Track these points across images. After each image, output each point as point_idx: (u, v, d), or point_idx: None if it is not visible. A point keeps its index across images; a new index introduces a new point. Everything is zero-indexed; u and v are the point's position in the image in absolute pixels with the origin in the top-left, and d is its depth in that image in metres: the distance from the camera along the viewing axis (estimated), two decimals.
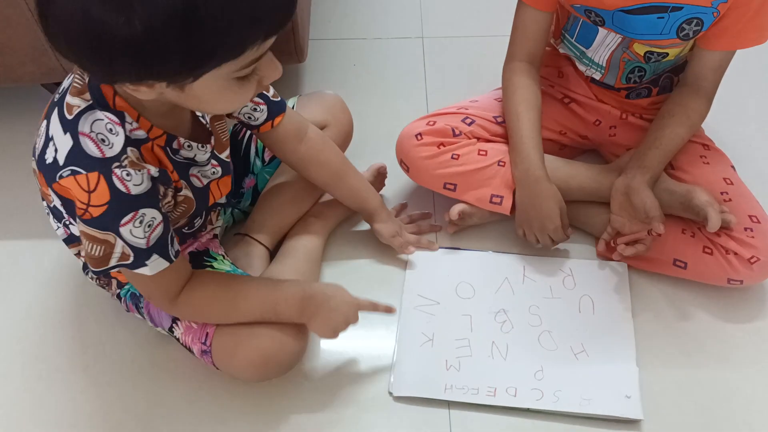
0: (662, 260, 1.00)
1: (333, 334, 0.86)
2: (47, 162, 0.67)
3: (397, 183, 1.13)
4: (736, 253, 0.94)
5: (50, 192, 0.70)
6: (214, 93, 0.64)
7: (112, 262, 0.71)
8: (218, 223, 0.99)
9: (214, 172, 0.83)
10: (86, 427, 0.90)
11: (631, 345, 0.95)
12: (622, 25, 0.94)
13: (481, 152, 1.03)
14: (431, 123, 1.05)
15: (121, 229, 0.68)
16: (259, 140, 1.05)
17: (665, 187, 0.98)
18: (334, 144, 1.01)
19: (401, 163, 1.06)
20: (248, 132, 1.06)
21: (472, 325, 0.98)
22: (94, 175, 0.66)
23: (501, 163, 1.02)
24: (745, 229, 0.95)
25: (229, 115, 0.89)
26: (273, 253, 1.03)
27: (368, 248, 1.08)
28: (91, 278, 0.94)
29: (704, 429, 0.89)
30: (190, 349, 0.87)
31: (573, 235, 1.08)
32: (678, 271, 0.99)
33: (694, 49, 0.98)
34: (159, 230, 0.72)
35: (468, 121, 1.06)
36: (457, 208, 1.04)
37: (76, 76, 0.68)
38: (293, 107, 1.05)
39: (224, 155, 0.85)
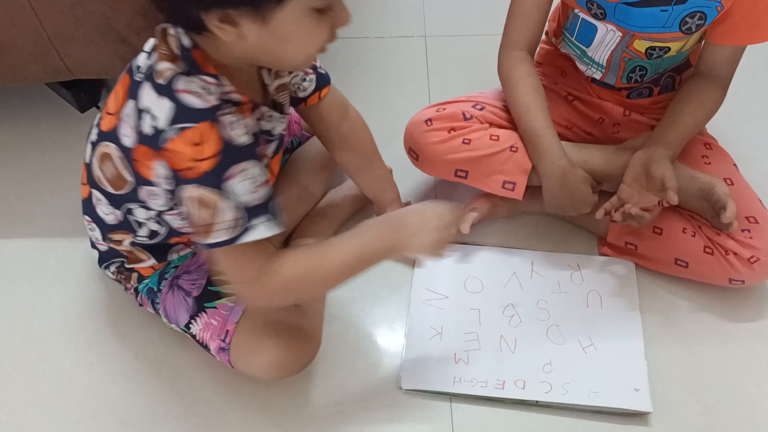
0: (663, 259, 1.00)
1: (441, 248, 0.81)
2: (148, 134, 0.66)
3: (400, 182, 1.13)
4: (735, 253, 0.94)
5: (157, 166, 0.68)
6: (296, 26, 0.63)
7: (218, 235, 0.67)
8: None
9: (278, 146, 0.82)
10: (90, 424, 0.89)
11: (639, 338, 0.95)
12: (623, 17, 0.94)
13: (493, 137, 1.01)
14: (441, 109, 1.03)
15: (228, 183, 0.66)
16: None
17: (688, 173, 0.97)
18: (368, 128, 1.01)
19: (410, 151, 1.04)
20: None
21: (480, 319, 0.97)
22: (204, 125, 0.64)
23: (513, 149, 1.00)
24: (743, 230, 0.95)
25: (283, 87, 0.86)
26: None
27: None
28: (111, 273, 0.93)
29: (710, 425, 0.89)
30: (206, 346, 0.87)
31: (579, 233, 1.09)
32: (679, 270, 0.99)
33: (705, 44, 0.98)
34: (267, 189, 0.69)
35: (479, 107, 1.05)
36: (468, 222, 1.03)
37: (162, 47, 0.67)
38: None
39: (282, 128, 0.84)
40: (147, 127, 0.66)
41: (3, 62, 1.09)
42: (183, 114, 0.65)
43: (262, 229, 0.68)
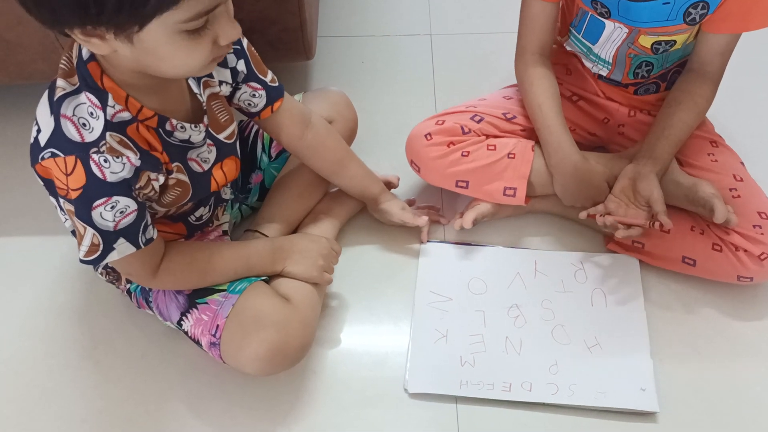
0: (671, 257, 1.00)
1: (318, 272, 0.91)
2: (32, 142, 0.70)
3: (404, 181, 1.13)
4: (745, 250, 0.94)
5: (36, 173, 0.72)
6: (165, 47, 0.64)
7: (81, 253, 0.74)
8: (225, 219, 0.99)
9: (209, 151, 0.83)
10: (96, 422, 0.89)
11: (644, 337, 0.94)
12: (627, 14, 0.94)
13: (490, 147, 1.03)
14: (440, 122, 1.05)
15: (93, 213, 0.70)
16: (265, 135, 1.05)
17: (673, 178, 0.98)
18: (336, 132, 1.02)
19: (412, 163, 1.06)
20: (255, 128, 1.06)
21: (485, 320, 0.97)
22: (71, 159, 0.68)
23: (511, 156, 1.02)
24: (754, 226, 0.95)
25: (230, 102, 0.89)
26: None
27: (379, 244, 1.08)
28: (100, 274, 0.94)
29: (716, 424, 0.88)
30: (198, 342, 0.87)
31: (582, 231, 1.08)
32: (687, 268, 0.99)
33: (699, 33, 0.98)
34: (131, 217, 0.73)
35: (477, 118, 1.06)
36: (470, 217, 1.03)
37: (63, 57, 0.70)
38: None
39: (224, 135, 0.85)
40: (33, 136, 0.71)
41: (9, 60, 1.09)
42: (58, 140, 0.68)
43: (120, 250, 0.74)
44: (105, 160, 0.68)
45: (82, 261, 0.74)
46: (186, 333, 0.88)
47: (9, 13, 1.01)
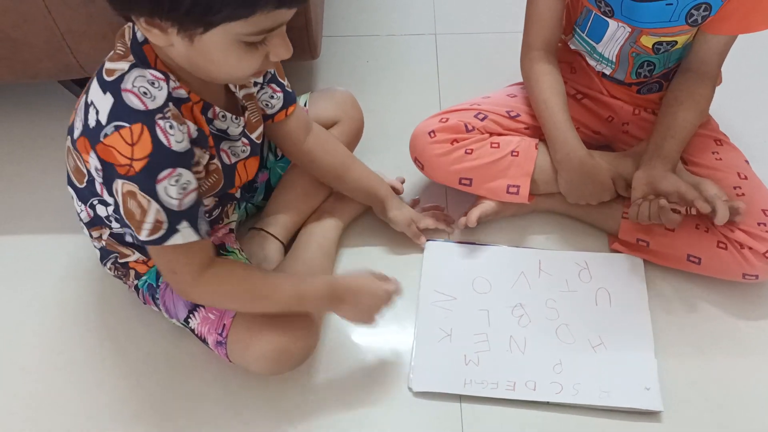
0: (676, 255, 0.99)
1: (368, 319, 0.86)
2: (91, 126, 0.69)
3: (409, 179, 1.13)
4: (750, 248, 0.94)
5: (91, 158, 0.70)
6: (220, 51, 0.65)
7: (143, 234, 0.71)
8: (233, 218, 1.00)
9: (243, 150, 0.84)
10: (102, 419, 0.90)
11: (649, 337, 0.94)
12: (630, 14, 0.94)
13: (493, 145, 1.03)
14: (444, 120, 1.05)
15: (158, 186, 0.68)
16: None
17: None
18: (335, 137, 1.03)
19: (416, 161, 1.06)
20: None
21: (489, 319, 0.97)
22: (137, 127, 0.67)
23: (514, 153, 1.02)
24: (759, 223, 0.95)
25: (250, 96, 0.89)
26: (288, 247, 1.04)
27: (383, 243, 1.08)
28: (109, 269, 0.94)
29: (720, 424, 0.88)
30: (204, 340, 0.87)
31: (586, 230, 1.08)
32: (692, 266, 0.99)
33: (698, 33, 0.98)
34: (192, 197, 0.72)
35: (481, 116, 1.06)
36: (475, 215, 1.03)
37: (118, 43, 0.71)
38: (305, 104, 1.06)
39: (254, 135, 0.86)
40: (91, 120, 0.69)
41: (16, 59, 1.10)
42: (120, 113, 0.67)
43: (183, 234, 0.72)
44: (171, 126, 0.68)
45: (144, 242, 0.72)
46: (192, 331, 0.88)
47: (15, 11, 1.02)
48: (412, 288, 1.02)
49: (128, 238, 0.88)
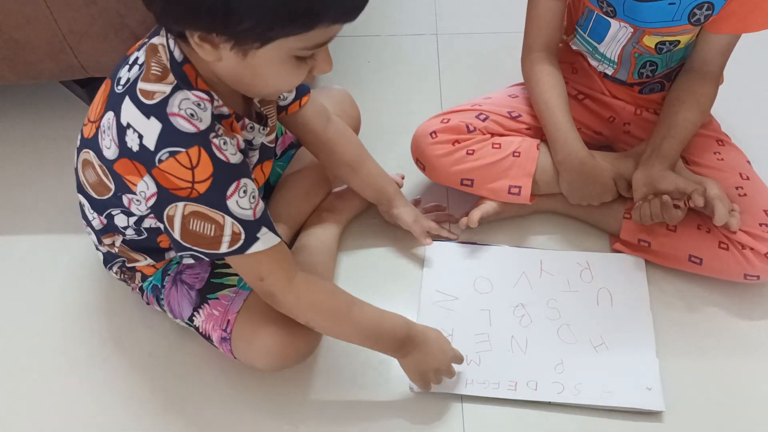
0: (677, 256, 0.99)
1: (422, 380, 0.86)
2: (134, 150, 0.68)
3: (410, 179, 1.13)
4: (752, 249, 0.94)
5: (144, 181, 0.69)
6: (272, 66, 0.65)
7: (224, 248, 0.71)
8: None
9: (254, 155, 0.84)
10: (104, 419, 0.90)
11: (650, 337, 0.94)
12: (632, 14, 0.94)
13: (495, 145, 1.03)
14: (445, 120, 1.05)
15: (228, 202, 0.69)
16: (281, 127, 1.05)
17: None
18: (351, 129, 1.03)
19: (417, 161, 1.06)
20: None
21: (491, 319, 0.97)
22: (194, 150, 0.66)
23: (516, 154, 1.02)
24: (761, 224, 0.95)
25: (268, 101, 0.89)
26: (289, 245, 1.03)
27: (384, 243, 1.08)
28: (115, 273, 0.94)
29: (722, 424, 0.88)
30: (208, 338, 0.88)
31: (588, 230, 1.08)
32: (693, 266, 0.99)
33: (700, 33, 0.98)
34: (262, 203, 0.73)
35: (482, 117, 1.06)
36: (476, 215, 1.03)
37: (152, 62, 0.69)
38: None
39: (269, 139, 0.87)
40: (133, 144, 0.68)
41: (18, 59, 1.10)
42: (173, 136, 0.66)
43: (264, 240, 0.72)
44: (224, 142, 0.69)
45: (225, 254, 0.72)
46: (197, 329, 0.88)
47: (17, 12, 1.02)
48: (413, 288, 1.02)
49: (169, 254, 0.88)
